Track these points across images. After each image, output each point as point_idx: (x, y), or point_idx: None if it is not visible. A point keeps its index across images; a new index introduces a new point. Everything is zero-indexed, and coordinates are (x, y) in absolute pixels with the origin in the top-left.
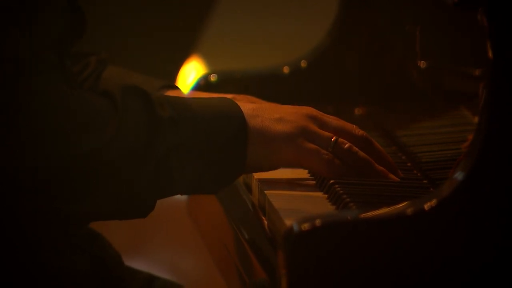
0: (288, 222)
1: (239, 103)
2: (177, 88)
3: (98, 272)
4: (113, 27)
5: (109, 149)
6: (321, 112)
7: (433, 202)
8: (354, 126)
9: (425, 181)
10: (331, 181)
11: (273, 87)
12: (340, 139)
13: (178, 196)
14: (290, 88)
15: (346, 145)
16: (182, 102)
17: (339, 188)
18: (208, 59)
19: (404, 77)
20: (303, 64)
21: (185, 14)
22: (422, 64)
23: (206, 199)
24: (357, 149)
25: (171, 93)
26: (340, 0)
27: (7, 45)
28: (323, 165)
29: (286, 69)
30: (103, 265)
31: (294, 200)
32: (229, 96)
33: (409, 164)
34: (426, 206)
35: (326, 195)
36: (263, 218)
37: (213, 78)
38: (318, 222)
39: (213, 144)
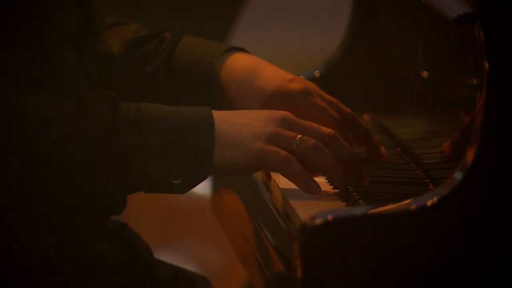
0: (303, 217)
1: (216, 112)
2: (241, 49)
3: (129, 261)
4: None
5: (70, 144)
6: (293, 116)
7: (435, 199)
8: (324, 127)
9: (427, 180)
10: None
11: None
12: (305, 137)
13: (203, 193)
14: None
15: (311, 142)
16: (151, 107)
17: (349, 187)
18: None
19: (408, 85)
20: (317, 74)
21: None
22: (425, 74)
23: (229, 196)
24: (322, 146)
25: (237, 54)
26: (350, 16)
27: None
28: (280, 164)
29: None
30: (134, 254)
31: (309, 197)
32: (289, 76)
33: (413, 164)
34: (428, 203)
35: (337, 193)
36: (281, 214)
37: None
38: (330, 217)
39: (180, 146)
